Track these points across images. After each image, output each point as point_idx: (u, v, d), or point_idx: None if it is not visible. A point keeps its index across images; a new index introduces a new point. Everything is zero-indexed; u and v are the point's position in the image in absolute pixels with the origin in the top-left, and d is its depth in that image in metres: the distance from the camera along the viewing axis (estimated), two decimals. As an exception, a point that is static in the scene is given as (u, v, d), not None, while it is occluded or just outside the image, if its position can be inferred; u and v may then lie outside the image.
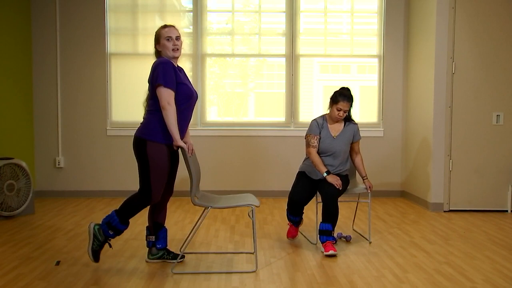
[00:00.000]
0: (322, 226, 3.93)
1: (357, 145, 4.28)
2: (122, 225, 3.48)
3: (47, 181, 6.24)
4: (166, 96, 3.37)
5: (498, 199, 5.49)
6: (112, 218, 3.47)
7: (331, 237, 3.92)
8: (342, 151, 4.16)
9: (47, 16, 6.13)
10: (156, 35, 3.57)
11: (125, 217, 3.47)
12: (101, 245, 3.51)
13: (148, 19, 6.27)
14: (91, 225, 3.51)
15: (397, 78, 6.30)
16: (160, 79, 3.38)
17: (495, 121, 5.44)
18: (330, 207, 3.92)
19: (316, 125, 4.19)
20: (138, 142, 3.45)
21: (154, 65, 3.47)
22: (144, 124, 3.49)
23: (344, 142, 4.16)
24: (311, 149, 4.13)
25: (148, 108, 3.52)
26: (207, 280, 3.34)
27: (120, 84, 6.24)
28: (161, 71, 3.40)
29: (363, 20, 6.36)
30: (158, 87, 3.38)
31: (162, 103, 3.37)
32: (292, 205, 4.16)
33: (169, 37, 3.50)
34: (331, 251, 3.82)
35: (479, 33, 5.41)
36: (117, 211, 3.48)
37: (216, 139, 6.25)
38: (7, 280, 3.29)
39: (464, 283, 3.29)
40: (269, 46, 6.32)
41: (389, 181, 6.36)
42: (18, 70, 5.87)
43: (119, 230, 3.49)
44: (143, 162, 3.44)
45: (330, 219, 3.92)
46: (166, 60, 3.47)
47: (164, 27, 3.55)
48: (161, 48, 3.53)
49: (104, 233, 3.47)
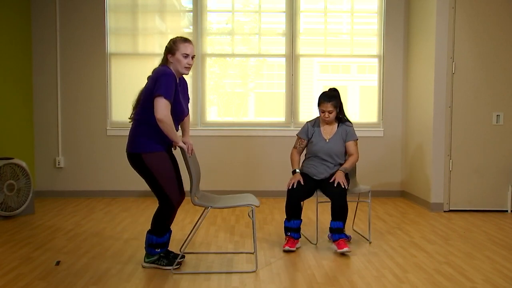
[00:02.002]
0: (333, 224, 3.93)
1: (352, 145, 4.17)
2: (162, 238, 3.52)
3: (47, 181, 6.24)
4: (163, 108, 3.29)
5: (498, 199, 5.49)
6: (150, 239, 3.52)
7: (343, 234, 3.94)
8: (337, 153, 4.14)
9: (47, 16, 6.13)
10: (172, 46, 3.44)
11: (160, 231, 3.51)
12: (169, 259, 3.56)
13: (148, 19, 6.27)
14: (143, 264, 3.58)
15: (397, 78, 6.30)
16: (162, 90, 3.30)
17: (495, 121, 5.44)
18: (341, 205, 3.91)
19: (306, 129, 4.25)
20: (133, 158, 3.43)
21: (158, 74, 3.37)
22: (132, 138, 3.44)
23: (337, 144, 4.15)
24: (293, 149, 4.29)
25: (137, 117, 3.45)
26: (207, 280, 3.34)
27: (120, 84, 6.24)
28: (164, 82, 3.31)
29: (363, 20, 6.36)
30: (158, 97, 3.30)
31: (159, 115, 3.29)
32: (291, 199, 3.99)
33: (187, 55, 3.43)
34: (345, 248, 3.83)
35: (479, 33, 5.41)
36: (150, 231, 3.53)
37: (216, 139, 6.25)
38: (7, 280, 3.29)
39: (464, 283, 3.29)
40: (269, 46, 6.32)
41: (389, 181, 6.36)
42: (18, 70, 5.87)
43: (163, 243, 3.54)
44: (147, 175, 3.43)
45: (340, 216, 3.92)
46: (170, 72, 3.39)
47: (184, 42, 3.45)
48: (174, 61, 3.43)
49: (154, 254, 3.53)
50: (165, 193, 3.45)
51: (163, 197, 3.47)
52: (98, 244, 4.16)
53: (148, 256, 3.56)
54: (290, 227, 4.01)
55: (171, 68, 3.46)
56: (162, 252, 3.56)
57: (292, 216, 4.01)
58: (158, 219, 3.50)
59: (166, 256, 3.58)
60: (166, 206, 3.48)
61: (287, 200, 4.04)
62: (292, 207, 4.01)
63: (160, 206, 3.51)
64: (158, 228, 3.51)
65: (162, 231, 3.51)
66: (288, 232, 4.02)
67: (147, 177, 3.44)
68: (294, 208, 4.01)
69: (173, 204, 3.48)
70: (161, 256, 3.55)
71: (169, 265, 3.53)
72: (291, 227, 4.00)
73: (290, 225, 4.01)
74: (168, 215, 3.49)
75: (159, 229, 3.50)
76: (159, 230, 3.51)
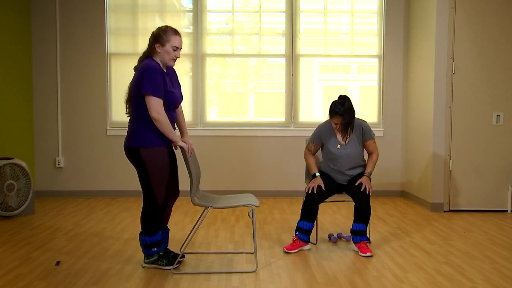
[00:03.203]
0: (356, 227, 3.92)
1: (371, 144, 4.07)
2: (154, 237, 3.51)
3: (47, 181, 6.23)
4: (155, 106, 3.29)
5: (498, 199, 5.49)
6: (143, 240, 3.52)
7: (365, 237, 3.93)
8: (354, 155, 4.05)
9: (47, 16, 6.13)
10: (161, 36, 3.41)
11: (150, 231, 3.50)
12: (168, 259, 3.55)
13: (148, 19, 6.27)
14: (143, 264, 3.57)
15: (397, 78, 6.30)
16: (147, 88, 3.28)
17: (495, 121, 5.44)
18: (365, 208, 3.90)
19: (319, 135, 4.09)
20: (131, 152, 3.43)
21: (141, 70, 3.35)
22: (130, 133, 3.44)
23: (355, 145, 4.04)
24: (307, 151, 4.15)
25: (131, 114, 3.46)
26: (207, 280, 3.34)
27: (120, 84, 6.23)
28: (148, 78, 3.29)
29: (363, 20, 6.36)
30: (146, 96, 3.30)
31: (153, 114, 3.30)
32: (309, 202, 3.93)
33: (176, 47, 3.44)
34: (368, 253, 3.83)
35: (479, 33, 5.41)
36: (141, 232, 3.54)
37: (216, 139, 6.25)
38: (7, 280, 3.29)
39: (464, 283, 3.29)
40: (269, 46, 6.32)
41: (389, 181, 6.36)
42: (18, 70, 5.87)
43: (158, 241, 3.53)
44: (142, 169, 3.43)
45: (363, 219, 3.91)
46: (154, 65, 3.36)
47: (175, 34, 3.44)
48: (161, 51, 3.41)
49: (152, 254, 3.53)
50: (152, 190, 3.45)
51: (149, 194, 3.46)
52: (98, 244, 4.16)
53: (147, 257, 3.56)
54: (300, 228, 3.97)
55: (157, 59, 3.44)
56: (160, 251, 3.56)
57: (305, 218, 3.96)
58: (145, 219, 3.50)
59: (165, 256, 3.58)
60: (150, 204, 3.48)
61: (305, 201, 3.97)
62: (308, 209, 3.96)
63: (144, 205, 3.51)
64: (147, 228, 3.50)
65: (152, 230, 3.50)
66: (296, 231, 3.99)
67: (140, 171, 3.44)
68: (310, 210, 3.96)
69: (157, 202, 3.47)
70: (160, 256, 3.55)
71: (169, 265, 3.52)
72: (301, 228, 3.96)
73: (300, 225, 3.97)
74: (153, 213, 3.49)
75: (149, 228, 3.50)
76: (149, 229, 3.50)
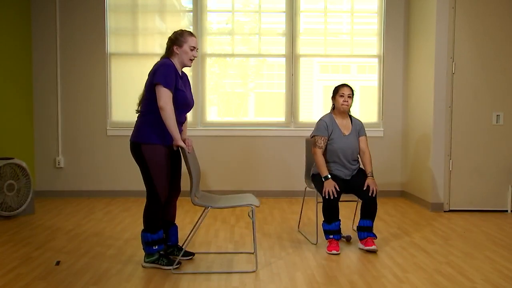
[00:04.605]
0: (362, 223, 3.98)
1: (364, 140, 4.22)
2: (156, 234, 3.52)
3: (47, 181, 6.23)
4: (164, 96, 3.39)
5: (498, 199, 5.49)
6: (145, 237, 3.53)
7: (371, 233, 3.98)
8: (356, 147, 4.17)
9: (47, 16, 6.13)
10: (179, 38, 3.54)
11: (152, 228, 3.52)
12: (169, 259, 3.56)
13: (148, 19, 6.27)
14: (143, 264, 3.58)
15: (397, 78, 6.30)
16: (161, 78, 3.39)
17: (495, 121, 5.44)
18: (373, 205, 3.99)
19: (325, 126, 4.12)
20: (134, 147, 3.51)
21: (157, 65, 3.48)
22: (136, 128, 3.52)
23: (354, 137, 4.19)
24: (317, 150, 4.08)
25: (142, 109, 3.54)
26: (207, 280, 3.34)
27: (120, 84, 6.24)
28: (163, 71, 3.42)
29: (363, 20, 6.36)
30: (158, 86, 3.40)
31: (161, 103, 3.38)
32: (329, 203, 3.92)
33: (193, 47, 3.56)
34: (373, 246, 3.89)
35: (479, 33, 5.41)
36: (143, 229, 3.55)
37: (216, 139, 6.25)
38: (7, 280, 3.29)
39: (464, 283, 3.29)
40: (269, 46, 6.32)
41: (389, 181, 6.36)
42: (18, 70, 5.87)
43: (159, 240, 3.54)
44: (143, 165, 3.49)
45: (370, 215, 3.99)
46: (170, 63, 3.50)
47: (191, 35, 3.57)
48: (180, 53, 3.53)
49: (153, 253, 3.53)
50: (154, 187, 3.48)
51: (152, 191, 3.50)
52: (98, 244, 4.16)
53: (147, 256, 3.56)
54: (331, 230, 3.97)
55: (175, 60, 3.56)
56: (161, 250, 3.56)
57: (333, 219, 3.97)
58: (148, 216, 3.53)
59: (166, 255, 3.59)
60: (153, 202, 3.51)
61: (325, 206, 3.96)
62: (332, 211, 3.96)
63: (147, 202, 3.54)
64: (150, 225, 3.52)
65: (154, 227, 3.52)
66: (330, 235, 3.97)
67: (142, 167, 3.50)
68: (333, 211, 3.96)
69: (160, 199, 3.51)
70: (161, 255, 3.56)
71: (169, 265, 3.53)
72: (333, 229, 3.97)
73: (331, 227, 3.97)
74: (155, 210, 3.51)
75: (151, 225, 3.51)
76: (152, 227, 3.51)
